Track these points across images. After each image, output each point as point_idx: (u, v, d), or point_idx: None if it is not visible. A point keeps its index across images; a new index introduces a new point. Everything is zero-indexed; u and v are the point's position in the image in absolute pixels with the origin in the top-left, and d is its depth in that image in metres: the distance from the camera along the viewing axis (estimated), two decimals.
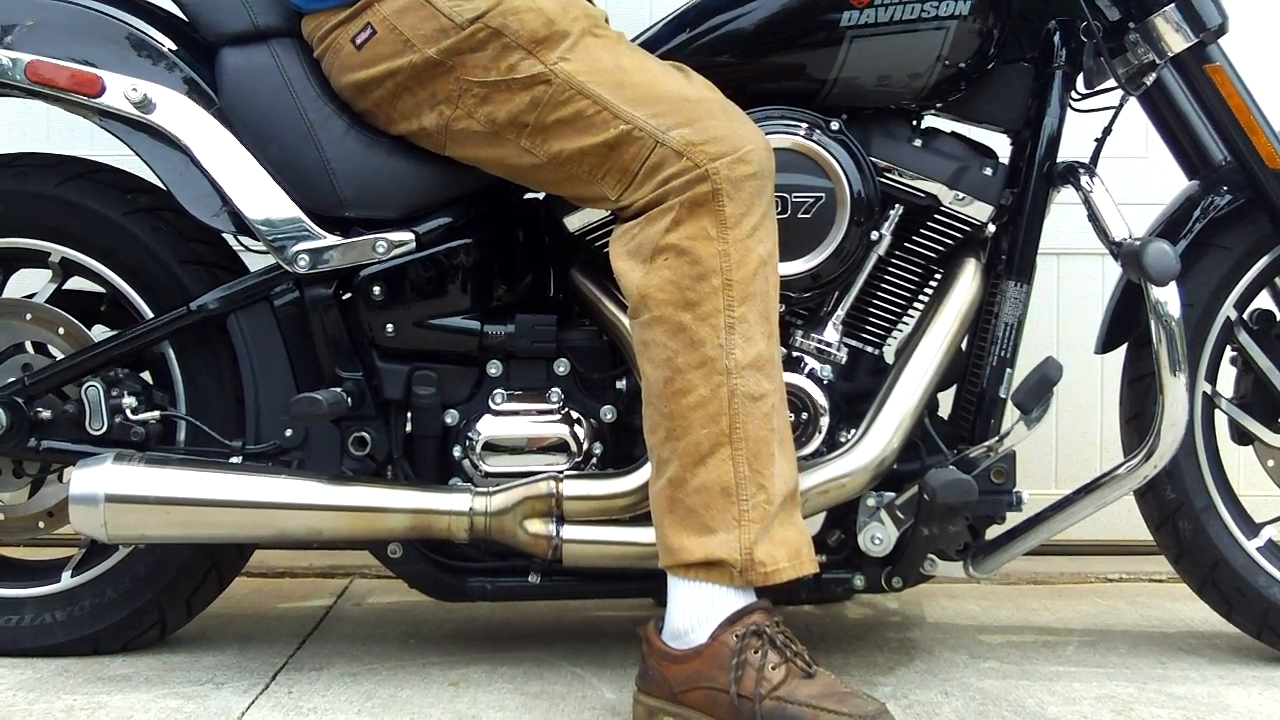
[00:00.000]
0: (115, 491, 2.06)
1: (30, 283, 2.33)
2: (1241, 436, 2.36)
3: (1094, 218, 2.12)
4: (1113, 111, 2.22)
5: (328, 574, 2.91)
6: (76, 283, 2.32)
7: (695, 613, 1.90)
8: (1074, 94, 2.21)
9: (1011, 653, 2.37)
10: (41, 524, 2.33)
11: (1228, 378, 2.37)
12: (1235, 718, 2.05)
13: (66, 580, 2.28)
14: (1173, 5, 2.10)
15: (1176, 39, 2.11)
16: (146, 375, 2.30)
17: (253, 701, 2.08)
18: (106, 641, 2.28)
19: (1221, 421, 2.35)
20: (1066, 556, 2.96)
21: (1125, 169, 2.70)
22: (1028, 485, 2.19)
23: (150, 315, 2.24)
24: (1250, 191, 2.21)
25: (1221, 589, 2.30)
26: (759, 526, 1.88)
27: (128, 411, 2.20)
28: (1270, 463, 2.35)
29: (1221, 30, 2.12)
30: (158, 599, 2.27)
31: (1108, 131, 2.24)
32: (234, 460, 2.18)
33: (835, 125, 2.13)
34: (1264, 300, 2.35)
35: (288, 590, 2.82)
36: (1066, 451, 3.00)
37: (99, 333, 2.31)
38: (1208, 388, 2.29)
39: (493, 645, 2.38)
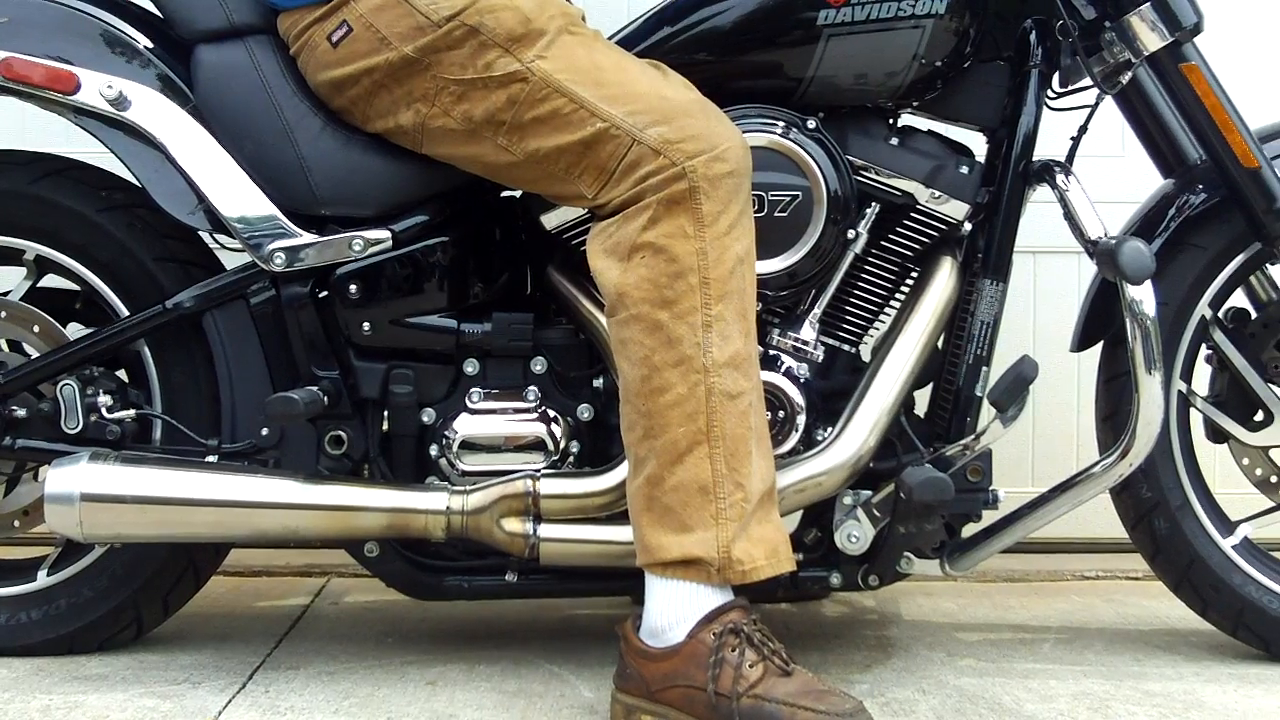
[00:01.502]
0: (91, 490, 2.05)
1: (4, 280, 2.31)
2: (1216, 435, 2.37)
3: (1069, 216, 2.13)
4: (1089, 110, 2.22)
5: (305, 573, 2.90)
6: (51, 281, 2.32)
7: (673, 611, 1.90)
8: (1050, 93, 2.22)
9: (988, 650, 2.38)
10: (17, 523, 2.32)
11: (1203, 376, 2.37)
12: (1210, 714, 2.05)
13: (42, 579, 2.28)
14: (1148, 4, 2.09)
15: (1152, 38, 2.11)
16: (122, 374, 2.29)
17: (230, 700, 2.08)
18: (83, 640, 2.27)
19: (1197, 420, 2.36)
20: (1043, 554, 2.97)
21: (1101, 167, 2.70)
22: (1004, 483, 2.20)
23: (125, 313, 2.23)
24: (1225, 190, 2.22)
25: (1197, 587, 2.30)
26: (736, 525, 1.88)
27: (103, 410, 2.19)
28: (1245, 460, 2.37)
29: (1197, 29, 2.12)
30: (134, 598, 2.26)
31: (1084, 130, 2.24)
32: (210, 459, 2.17)
33: (812, 124, 2.12)
34: (1239, 299, 2.36)
35: (265, 589, 2.81)
36: (1043, 449, 3.00)
37: (74, 331, 2.30)
38: (1183, 386, 2.30)
39: (470, 644, 2.38)
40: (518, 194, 2.24)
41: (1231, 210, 2.23)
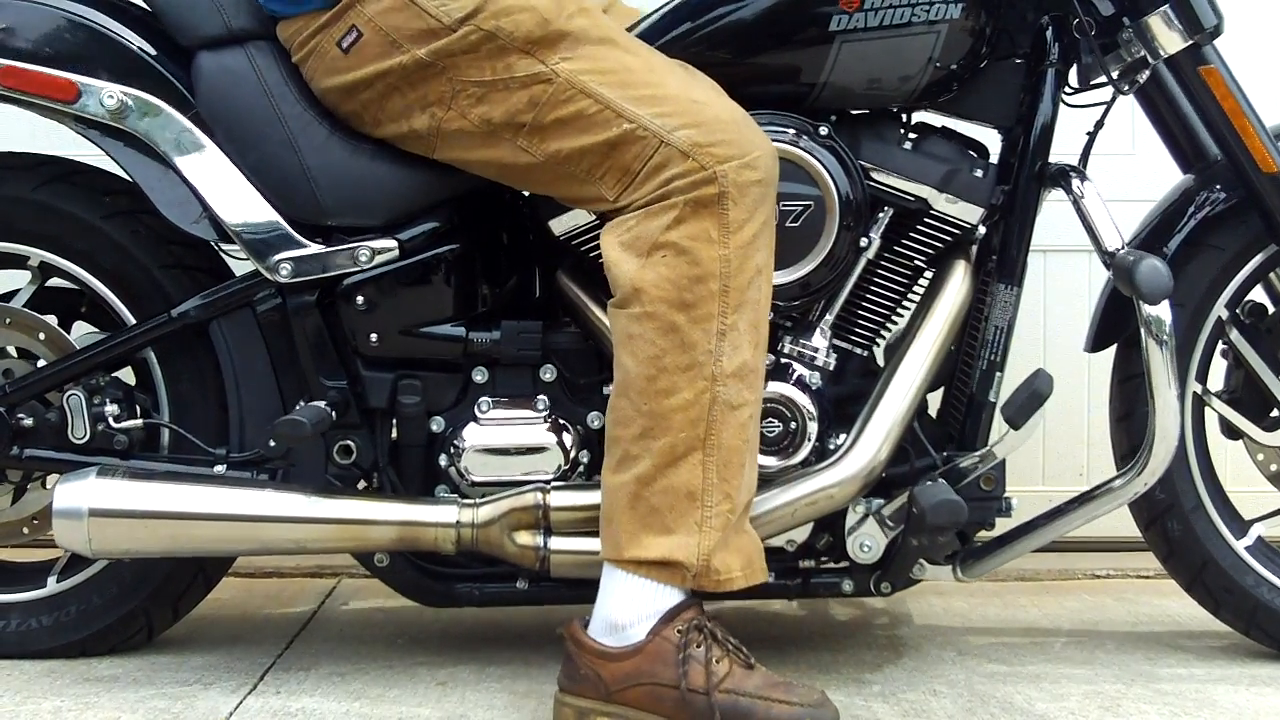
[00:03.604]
0: (99, 506, 2.04)
1: (9, 285, 2.29)
2: (1231, 431, 2.35)
3: (1086, 225, 2.09)
4: (1104, 107, 2.18)
5: (315, 574, 2.90)
6: (57, 283, 2.29)
7: (634, 609, 1.90)
8: (1067, 89, 2.18)
9: (999, 650, 2.38)
10: (26, 530, 2.30)
11: (1218, 369, 2.35)
12: (1222, 714, 2.05)
13: (52, 585, 2.27)
14: (1168, 5, 2.05)
15: (1172, 39, 2.07)
16: (131, 377, 2.28)
17: (241, 702, 2.08)
18: (93, 647, 2.27)
19: (1211, 418, 2.34)
20: (1054, 553, 2.89)
21: (1112, 166, 2.66)
22: (1016, 483, 2.18)
23: (130, 318, 2.21)
24: (1243, 191, 2.18)
25: (1210, 588, 2.30)
26: (719, 535, 1.88)
27: (110, 419, 2.17)
28: (1260, 456, 2.35)
29: (1217, 31, 2.08)
30: (144, 605, 2.26)
31: (1099, 126, 2.21)
32: (218, 468, 2.16)
33: (824, 130, 2.09)
34: (1257, 294, 2.33)
35: (275, 590, 2.81)
36: (1054, 449, 2.94)
37: (80, 330, 2.29)
38: (1198, 388, 2.28)
39: (481, 645, 2.38)
40: (526, 195, 2.20)
41: (1250, 211, 2.19)
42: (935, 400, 2.26)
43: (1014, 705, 2.08)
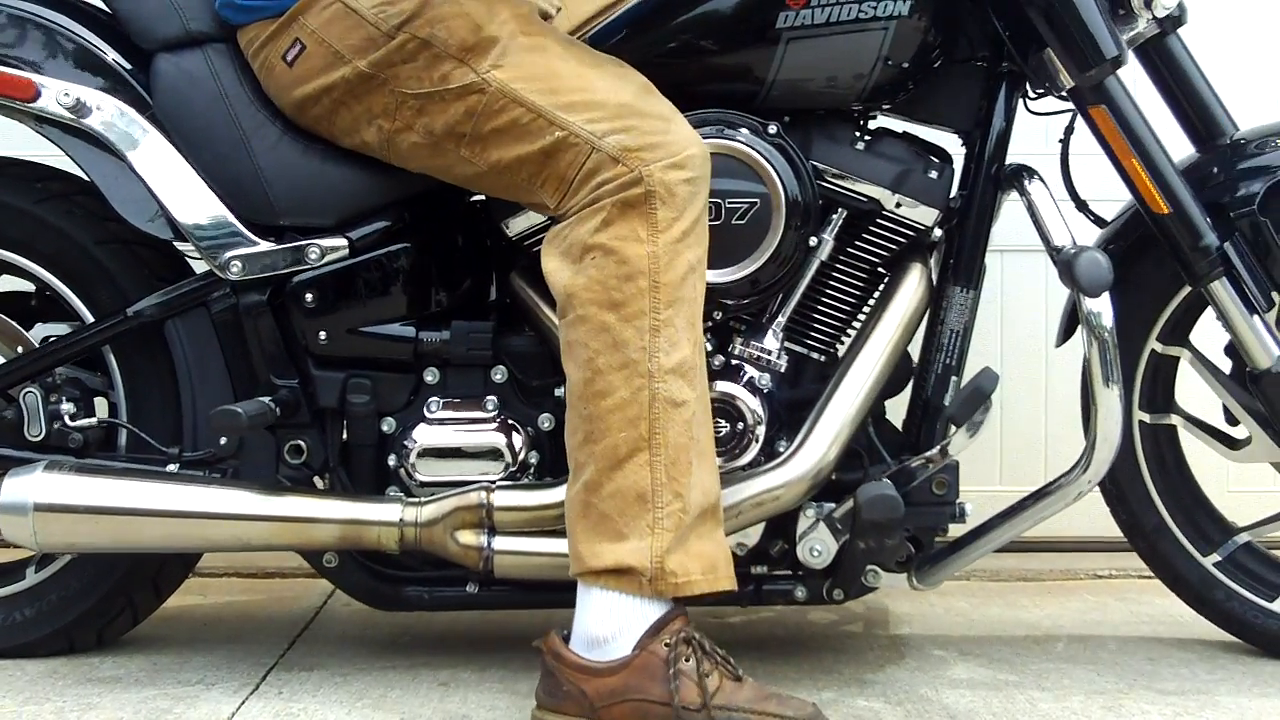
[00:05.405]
0: (44, 500, 2.05)
1: None
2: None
3: (1036, 222, 2.07)
4: (1071, 113, 2.17)
5: (318, 574, 2.87)
6: (6, 283, 2.32)
7: (613, 621, 1.86)
8: (1030, 95, 2.16)
9: (1002, 649, 2.35)
10: None
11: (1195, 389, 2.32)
12: (1225, 714, 2.02)
13: (31, 577, 2.28)
14: (1052, 43, 2.01)
15: (1067, 74, 2.04)
16: (90, 375, 2.27)
17: (243, 702, 2.08)
18: (80, 633, 2.28)
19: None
20: (1056, 553, 2.92)
21: None
22: (973, 484, 2.15)
23: (77, 302, 2.22)
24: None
25: (1186, 600, 2.30)
26: (673, 535, 1.84)
27: (66, 418, 2.19)
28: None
29: (1118, 62, 2.02)
30: (123, 583, 2.26)
31: (1070, 132, 2.20)
32: (171, 468, 2.16)
33: (773, 129, 2.07)
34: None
35: (278, 591, 2.81)
36: (1011, 450, 2.92)
37: (40, 330, 2.29)
38: (1145, 416, 2.25)
39: (482, 646, 2.37)
40: (483, 198, 2.20)
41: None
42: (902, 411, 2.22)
43: (1016, 704, 2.06)
